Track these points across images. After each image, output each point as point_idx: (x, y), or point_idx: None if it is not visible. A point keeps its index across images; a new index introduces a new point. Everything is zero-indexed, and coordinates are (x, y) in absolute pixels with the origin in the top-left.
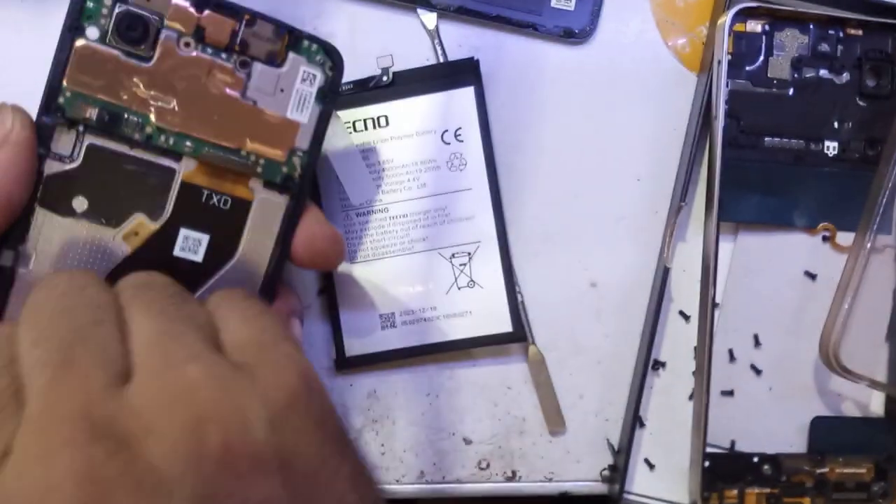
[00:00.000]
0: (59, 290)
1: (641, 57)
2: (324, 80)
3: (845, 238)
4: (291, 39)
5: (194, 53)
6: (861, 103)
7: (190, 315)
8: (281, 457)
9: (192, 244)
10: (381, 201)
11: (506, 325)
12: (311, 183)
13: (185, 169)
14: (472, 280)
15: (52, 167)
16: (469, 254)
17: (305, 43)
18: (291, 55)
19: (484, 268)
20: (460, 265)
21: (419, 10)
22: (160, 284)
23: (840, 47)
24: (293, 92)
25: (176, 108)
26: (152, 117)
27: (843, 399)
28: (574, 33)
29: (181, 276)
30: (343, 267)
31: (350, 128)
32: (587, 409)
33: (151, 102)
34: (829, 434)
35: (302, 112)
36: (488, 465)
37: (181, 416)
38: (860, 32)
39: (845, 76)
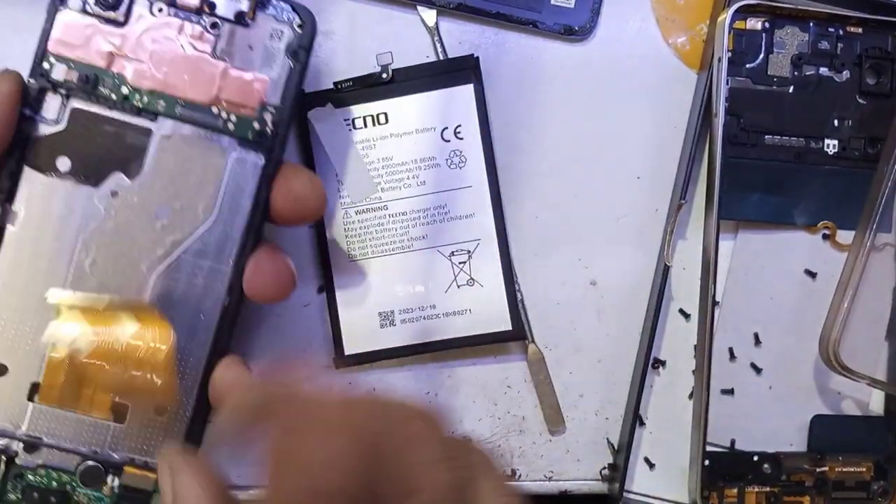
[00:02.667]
0: None
1: (641, 54)
2: (292, 36)
3: (845, 236)
4: (259, 1)
5: (167, 17)
6: (861, 101)
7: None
8: None
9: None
10: (381, 199)
11: (505, 324)
12: (285, 142)
13: (160, 128)
14: (471, 278)
15: (39, 129)
16: (469, 252)
17: (274, 2)
18: (260, 14)
19: (483, 266)
20: (460, 263)
21: (419, 7)
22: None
23: (840, 45)
24: (261, 49)
25: (149, 69)
26: (128, 78)
27: (842, 398)
28: (574, 31)
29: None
30: (342, 265)
31: (349, 125)
32: (587, 407)
33: (126, 64)
34: (829, 433)
35: (271, 68)
36: None
37: None
38: (860, 30)
39: (845, 74)
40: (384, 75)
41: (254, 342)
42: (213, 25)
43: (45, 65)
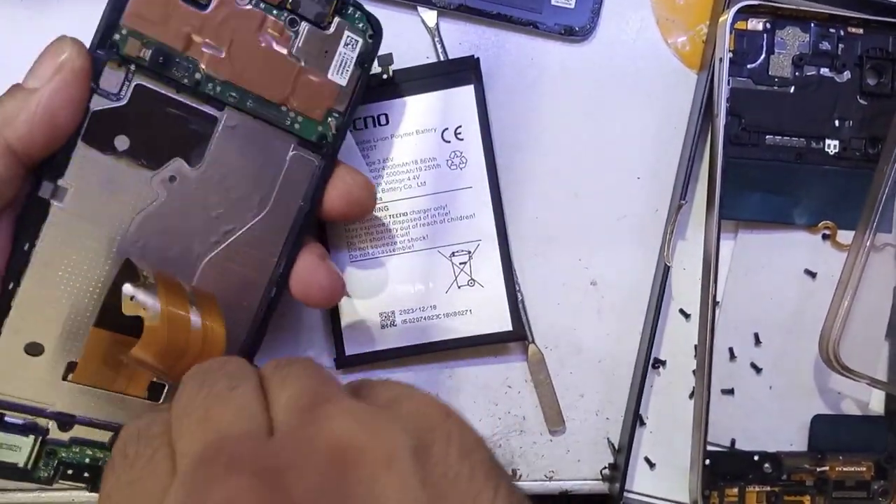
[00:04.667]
0: (202, 372)
1: (642, 55)
2: (364, 47)
3: (846, 236)
4: (339, 4)
5: (249, 6)
6: (862, 102)
7: (327, 377)
8: (430, 489)
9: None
10: (381, 200)
11: (506, 324)
12: (341, 146)
13: (226, 119)
14: (472, 279)
15: (98, 103)
16: (469, 252)
17: (351, 9)
18: (338, 19)
19: (484, 266)
20: (460, 264)
21: (419, 8)
22: (300, 361)
23: (841, 46)
24: (336, 55)
25: (226, 58)
26: (202, 64)
27: (843, 397)
28: (574, 31)
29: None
30: (343, 266)
31: (350, 126)
32: (587, 407)
33: (203, 49)
34: (829, 432)
35: (342, 75)
36: None
37: (320, 450)
38: (861, 31)
39: (846, 75)
40: (384, 76)
41: None
42: (293, 22)
43: (116, 36)
